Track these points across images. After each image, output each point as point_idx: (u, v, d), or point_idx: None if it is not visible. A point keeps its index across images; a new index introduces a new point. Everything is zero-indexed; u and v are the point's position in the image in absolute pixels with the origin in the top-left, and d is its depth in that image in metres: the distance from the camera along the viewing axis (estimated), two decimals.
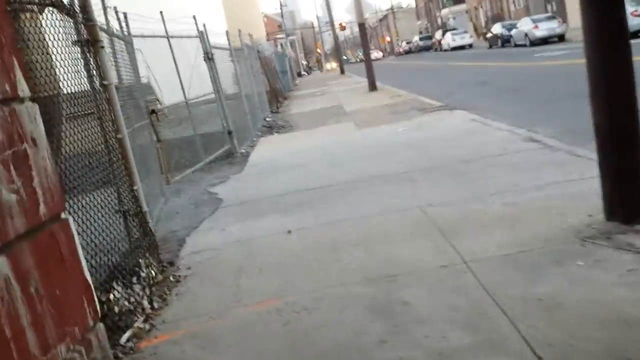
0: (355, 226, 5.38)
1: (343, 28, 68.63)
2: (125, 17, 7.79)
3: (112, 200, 4.86)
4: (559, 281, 3.50)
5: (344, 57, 65.03)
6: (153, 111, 7.99)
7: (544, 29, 31.07)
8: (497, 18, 53.47)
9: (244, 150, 11.67)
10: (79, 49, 4.80)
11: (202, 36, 11.11)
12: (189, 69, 10.49)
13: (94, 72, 4.82)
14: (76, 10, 4.79)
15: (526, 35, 32.20)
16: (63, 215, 2.69)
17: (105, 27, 6.15)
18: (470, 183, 6.14)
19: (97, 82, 4.86)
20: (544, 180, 5.74)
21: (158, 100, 14.32)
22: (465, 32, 51.09)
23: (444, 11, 71.93)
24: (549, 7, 44.22)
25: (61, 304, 2.37)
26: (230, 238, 5.78)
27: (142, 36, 8.21)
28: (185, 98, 10.15)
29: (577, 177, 5.63)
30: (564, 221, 4.48)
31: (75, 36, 4.78)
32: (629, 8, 30.23)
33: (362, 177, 7.31)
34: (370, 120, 13.34)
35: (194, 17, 10.86)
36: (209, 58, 11.16)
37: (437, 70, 29.10)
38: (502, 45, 37.33)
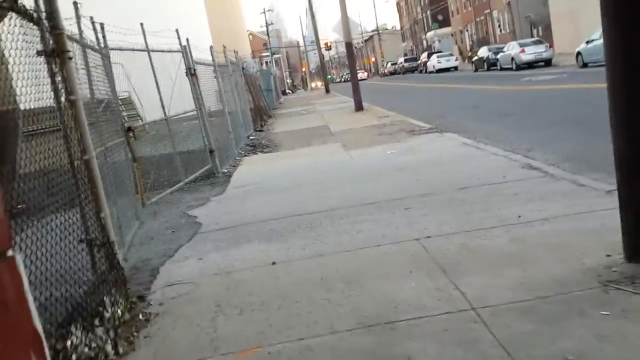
0: (347, 259, 4.90)
1: (329, 47, 68.64)
2: (102, 27, 7.31)
3: (76, 227, 4.34)
4: (586, 336, 3.04)
5: (329, 77, 64.89)
6: (129, 129, 7.48)
7: (530, 53, 31.04)
8: (482, 42, 53.71)
9: (226, 170, 11.17)
10: (43, 59, 4.31)
11: (184, 51, 10.64)
12: (170, 85, 10.01)
13: (60, 85, 4.32)
14: (41, 17, 4.30)
15: (513, 59, 32.16)
16: (9, 253, 2.24)
17: (77, 37, 5.67)
18: (469, 213, 5.69)
19: (63, 96, 4.36)
20: (550, 212, 5.31)
21: (139, 116, 13.90)
22: (451, 54, 51.20)
23: (430, 34, 72.25)
24: (534, 31, 44.44)
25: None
26: (209, 269, 5.26)
27: (120, 49, 7.72)
28: (166, 115, 9.64)
29: (586, 210, 5.21)
30: (580, 261, 4.04)
31: (40, 45, 4.29)
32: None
33: (353, 203, 6.85)
34: (357, 141, 12.92)
35: (177, 31, 10.40)
36: (191, 74, 10.68)
37: (424, 92, 28.89)
38: (488, 69, 37.31)
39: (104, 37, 7.32)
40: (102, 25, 7.28)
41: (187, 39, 10.79)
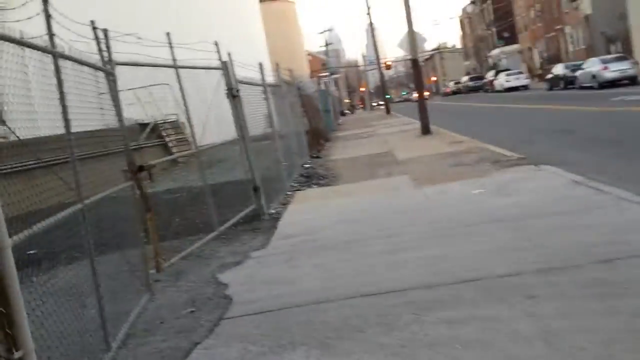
0: None
1: (388, 67, 66.64)
2: (106, 35, 5.52)
3: None
4: None
5: (388, 97, 62.66)
6: (141, 168, 5.65)
7: (614, 70, 28.21)
8: (553, 59, 50.62)
9: (273, 211, 9.25)
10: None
11: (225, 67, 8.84)
12: (204, 107, 8.21)
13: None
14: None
15: (594, 76, 29.35)
16: None
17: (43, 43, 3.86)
18: (635, 312, 3.55)
19: None
20: None
21: (187, 141, 11.99)
22: (521, 72, 48.33)
23: (495, 51, 69.28)
24: (612, 47, 41.27)
25: None
26: None
27: (125, 64, 5.91)
28: (195, 146, 7.82)
29: None
30: None
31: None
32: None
33: (443, 279, 4.78)
34: (430, 174, 10.81)
35: (216, 44, 8.61)
36: (233, 95, 8.86)
37: (497, 113, 26.45)
38: (565, 87, 34.46)
39: (108, 47, 5.53)
40: (105, 32, 5.49)
41: (229, 54, 8.99)
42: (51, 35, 4.00)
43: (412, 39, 18.55)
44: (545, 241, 5.39)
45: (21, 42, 3.51)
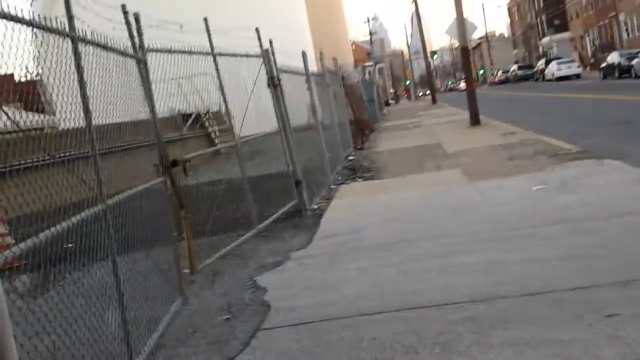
0: None
1: (432, 54, 65.35)
2: (137, 20, 5.13)
3: None
4: None
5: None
6: (174, 162, 5.26)
7: None
8: (606, 47, 48.71)
9: (315, 206, 8.80)
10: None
11: (266, 56, 8.40)
12: (244, 96, 7.80)
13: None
14: None
15: None
16: None
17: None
18: None
19: None
20: None
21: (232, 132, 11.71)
22: (572, 61, 46.63)
23: (545, 39, 67.18)
24: None
25: None
26: None
27: (157, 50, 5.51)
28: (235, 137, 7.41)
29: None
30: None
31: None
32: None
33: (505, 290, 4.23)
34: (483, 168, 10.18)
35: (257, 31, 8.17)
36: (274, 84, 8.42)
37: (548, 103, 25.40)
38: (620, 76, 32.98)
39: (139, 33, 5.14)
40: (136, 17, 5.10)
41: (270, 41, 8.55)
42: (70, 17, 3.61)
43: (462, 25, 17.78)
44: (621, 247, 4.79)
45: (34, 24, 3.13)
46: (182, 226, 5.40)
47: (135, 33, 5.11)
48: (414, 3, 50.95)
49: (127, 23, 5.09)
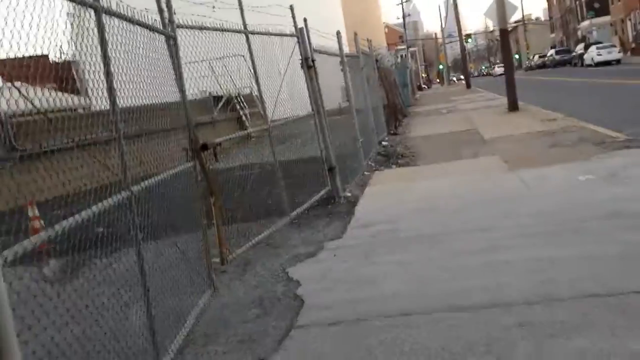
0: None
1: (467, 37, 64.09)
2: None
3: None
4: None
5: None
6: (204, 146, 5.00)
7: None
8: None
9: (349, 194, 8.49)
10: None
11: (300, 35, 8.08)
12: (277, 78, 7.51)
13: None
14: None
15: None
16: None
17: None
18: None
19: None
20: None
21: (262, 116, 11.56)
22: (613, 46, 45.12)
23: (584, 23, 65.33)
24: None
25: None
26: None
27: (187, 26, 5.23)
28: (266, 121, 7.13)
29: None
30: None
31: None
32: None
33: (560, 292, 3.89)
34: (523, 155, 9.74)
35: (291, 8, 7.85)
36: (308, 65, 8.10)
37: (588, 89, 24.57)
38: None
39: (169, 8, 4.86)
40: None
41: (305, 20, 8.22)
42: None
43: (501, 6, 17.17)
44: None
45: None
46: (211, 213, 5.15)
47: (164, 6, 4.84)
48: None
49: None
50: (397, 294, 4.35)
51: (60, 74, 4.67)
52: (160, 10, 4.83)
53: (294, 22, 7.96)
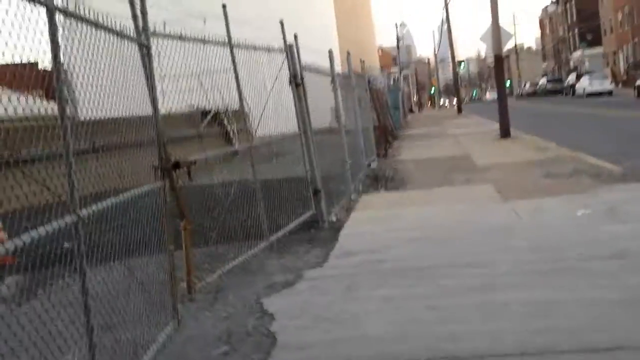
0: None
1: (459, 63, 64.23)
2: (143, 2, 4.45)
3: None
4: None
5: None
6: (177, 164, 4.57)
7: None
8: None
9: (334, 218, 8.07)
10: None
11: (290, 51, 7.70)
12: (262, 95, 7.12)
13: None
14: None
15: None
16: None
17: None
18: None
19: None
20: None
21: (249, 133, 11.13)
22: (605, 77, 45.33)
23: (576, 54, 65.80)
24: None
25: None
26: None
27: (164, 35, 4.84)
28: (249, 139, 6.72)
29: None
30: None
31: None
32: None
33: (565, 343, 3.48)
34: (517, 185, 9.39)
35: (281, 23, 7.48)
36: (296, 83, 7.72)
37: (582, 119, 24.36)
38: None
39: (143, 14, 4.46)
40: None
41: (295, 36, 7.86)
42: None
43: (497, 32, 16.96)
44: None
45: None
46: (181, 239, 4.70)
47: (139, 13, 4.43)
48: (444, 9, 50.07)
49: (131, 2, 4.41)
50: (380, 337, 3.91)
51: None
52: (134, 17, 4.43)
53: (284, 37, 7.58)
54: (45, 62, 3.81)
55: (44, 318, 2.80)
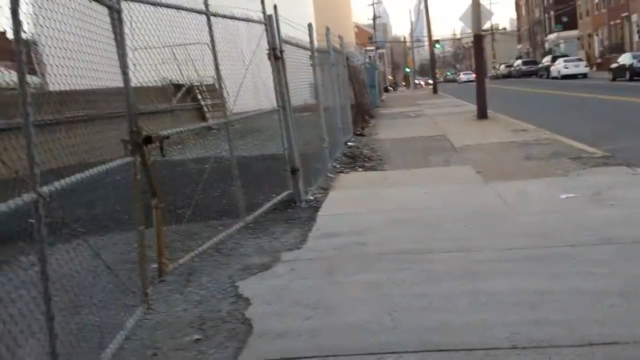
0: None
1: (435, 43, 63.97)
2: None
3: None
4: None
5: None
6: (148, 139, 4.25)
7: None
8: (615, 48, 47.70)
9: (311, 197, 7.81)
10: None
11: (269, 23, 7.36)
12: (239, 68, 6.79)
13: None
14: None
15: None
16: None
17: None
18: None
19: None
20: None
21: (225, 107, 10.85)
22: (580, 59, 45.58)
23: (552, 36, 66.04)
24: None
25: None
26: None
27: (143, 1, 4.48)
28: (226, 114, 6.40)
29: None
30: None
31: None
32: None
33: (556, 337, 3.29)
34: (498, 167, 9.23)
35: None
36: (275, 56, 7.39)
37: (558, 101, 24.37)
38: (631, 79, 32.04)
39: None
40: None
41: (275, 7, 7.51)
42: None
43: (477, 11, 16.73)
44: None
45: None
46: (152, 217, 4.40)
47: None
48: None
49: None
50: (363, 326, 3.69)
51: None
52: None
53: (263, 8, 7.23)
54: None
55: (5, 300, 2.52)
